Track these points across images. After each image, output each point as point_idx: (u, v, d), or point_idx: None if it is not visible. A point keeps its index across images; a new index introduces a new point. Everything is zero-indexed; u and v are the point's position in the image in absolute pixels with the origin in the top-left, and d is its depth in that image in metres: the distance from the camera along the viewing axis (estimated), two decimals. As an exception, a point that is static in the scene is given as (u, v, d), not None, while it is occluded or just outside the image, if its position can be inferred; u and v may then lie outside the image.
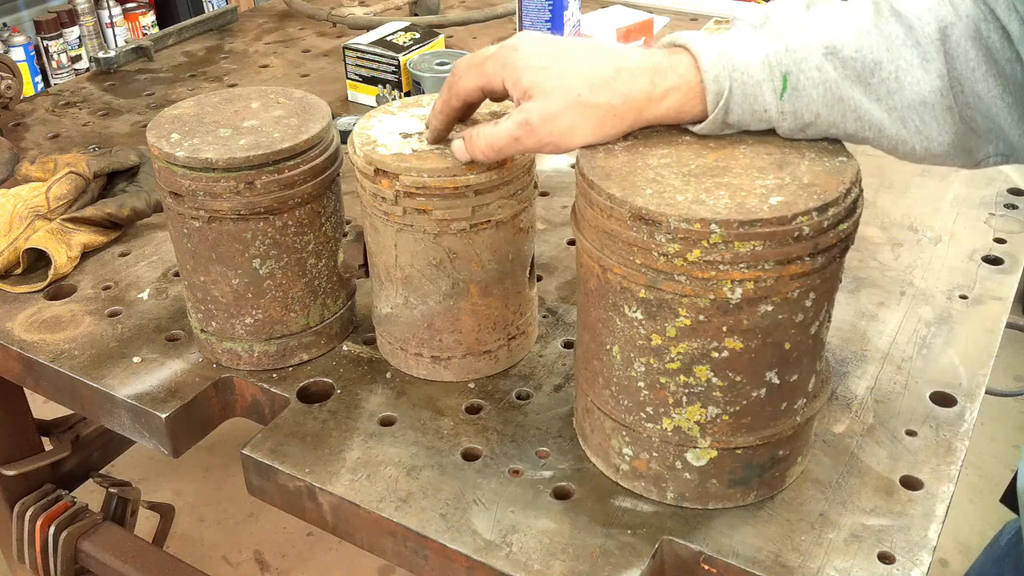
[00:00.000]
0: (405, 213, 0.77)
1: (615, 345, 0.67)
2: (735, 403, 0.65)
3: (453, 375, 0.84)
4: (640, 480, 0.71)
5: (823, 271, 0.62)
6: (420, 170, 0.75)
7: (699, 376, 0.64)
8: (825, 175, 0.63)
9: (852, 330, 0.89)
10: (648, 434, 0.68)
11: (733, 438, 0.67)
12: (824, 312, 0.65)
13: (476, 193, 0.76)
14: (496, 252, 0.80)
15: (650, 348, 0.65)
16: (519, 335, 0.86)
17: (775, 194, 0.61)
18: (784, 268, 0.60)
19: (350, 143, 0.80)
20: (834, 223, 0.61)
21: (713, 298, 0.61)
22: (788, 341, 0.64)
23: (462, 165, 0.74)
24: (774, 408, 0.67)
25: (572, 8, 1.32)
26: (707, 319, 0.62)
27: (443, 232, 0.77)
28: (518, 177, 0.78)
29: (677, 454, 0.68)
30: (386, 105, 0.85)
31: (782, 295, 0.61)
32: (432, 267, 0.79)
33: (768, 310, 0.62)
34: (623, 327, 0.65)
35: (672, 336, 0.63)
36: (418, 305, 0.81)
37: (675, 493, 0.70)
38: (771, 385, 0.65)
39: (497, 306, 0.82)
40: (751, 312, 0.61)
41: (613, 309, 0.65)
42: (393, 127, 0.81)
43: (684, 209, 0.60)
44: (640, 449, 0.70)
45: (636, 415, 0.68)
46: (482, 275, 0.80)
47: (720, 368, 0.64)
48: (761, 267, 0.60)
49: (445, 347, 0.83)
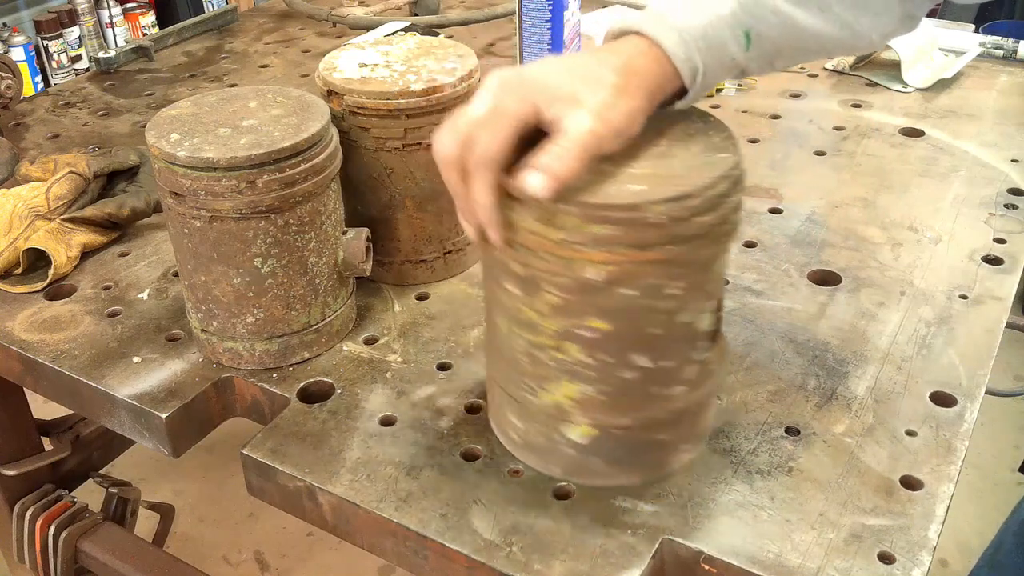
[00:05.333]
0: (351, 130, 0.89)
1: (500, 318, 0.70)
2: (605, 382, 0.68)
3: (394, 279, 0.97)
4: (530, 453, 0.74)
5: (689, 262, 0.64)
6: (360, 92, 0.87)
7: (569, 353, 0.67)
8: (698, 168, 0.65)
9: (852, 330, 0.89)
10: (532, 408, 0.71)
11: (608, 418, 0.70)
12: (700, 302, 0.67)
13: (408, 116, 0.87)
14: (429, 172, 0.90)
15: (526, 323, 0.68)
16: (455, 251, 0.97)
17: (639, 183, 0.63)
18: (640, 253, 0.62)
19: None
20: (691, 214, 0.62)
21: (575, 277, 0.63)
22: (657, 327, 0.66)
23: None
24: (648, 391, 0.69)
25: (572, 8, 1.32)
26: (573, 298, 0.64)
27: (380, 149, 0.89)
28: (450, 107, 0.87)
29: (556, 428, 0.71)
30: (360, 40, 0.99)
31: (642, 281, 0.63)
32: (372, 179, 0.91)
33: (631, 294, 0.64)
34: (505, 301, 0.69)
35: (544, 312, 0.66)
36: (364, 212, 0.94)
37: (561, 468, 0.73)
38: (642, 368, 0.67)
39: (432, 221, 0.94)
40: (613, 294, 0.64)
41: (496, 283, 0.69)
42: (356, 58, 0.93)
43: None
44: (526, 421, 0.73)
45: (520, 388, 0.71)
46: (416, 191, 0.91)
47: (588, 346, 0.66)
48: (617, 251, 0.62)
49: (386, 252, 0.95)
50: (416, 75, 0.89)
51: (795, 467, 0.74)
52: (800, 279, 0.97)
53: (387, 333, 0.91)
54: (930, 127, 1.29)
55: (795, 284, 0.96)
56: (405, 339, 0.90)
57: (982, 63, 1.49)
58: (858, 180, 1.16)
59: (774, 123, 1.32)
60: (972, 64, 1.48)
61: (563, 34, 1.30)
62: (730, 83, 1.42)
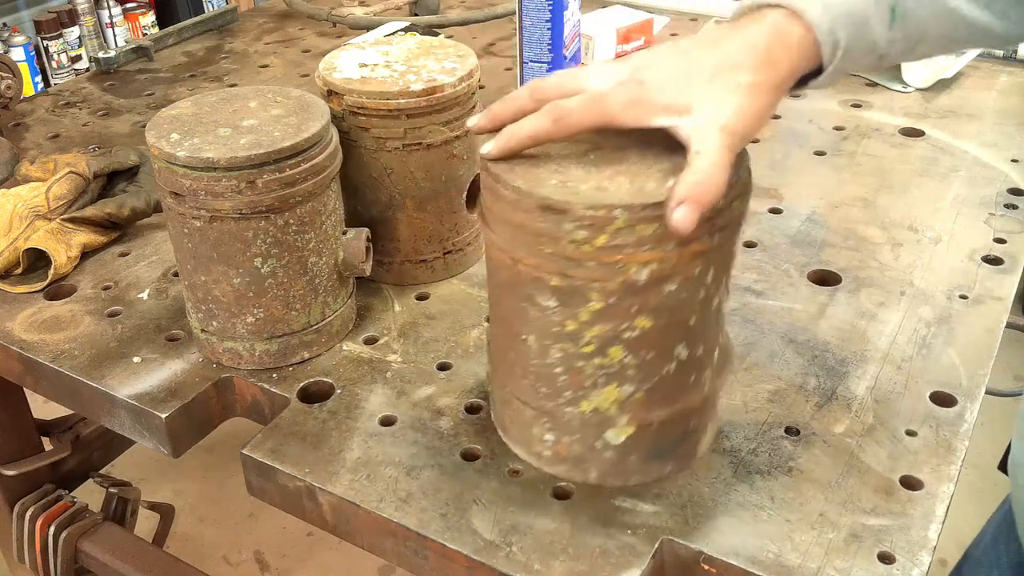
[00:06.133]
0: (351, 130, 0.88)
1: (530, 335, 0.68)
2: (648, 380, 0.68)
3: (394, 279, 0.96)
4: (562, 464, 0.73)
5: (721, 248, 0.65)
6: (360, 92, 0.87)
7: (613, 357, 0.67)
8: None
9: (852, 330, 0.89)
10: (568, 418, 0.70)
11: (649, 414, 0.70)
12: (723, 286, 0.68)
13: (408, 116, 0.87)
14: (429, 172, 0.91)
15: (565, 334, 0.66)
16: (455, 251, 0.97)
17: (672, 176, 0.63)
18: (686, 248, 0.63)
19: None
20: (729, 202, 0.64)
21: (622, 280, 0.63)
22: (693, 316, 0.67)
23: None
24: (684, 381, 0.70)
25: (572, 8, 1.32)
26: (617, 301, 0.64)
27: (380, 149, 0.89)
28: (449, 108, 0.88)
29: (597, 435, 0.70)
30: (360, 40, 0.99)
31: (685, 273, 0.64)
32: (372, 179, 0.90)
33: (673, 289, 0.64)
34: (537, 316, 0.67)
35: (586, 320, 0.65)
36: (364, 212, 0.94)
37: (597, 472, 0.72)
38: (679, 360, 0.68)
39: (432, 221, 0.93)
40: (658, 291, 0.64)
41: (526, 300, 0.67)
42: (356, 58, 0.93)
43: (588, 197, 0.62)
44: (561, 434, 0.71)
45: (555, 401, 0.70)
46: (416, 191, 0.91)
47: (632, 347, 0.66)
48: (664, 248, 0.62)
49: (386, 252, 0.95)
50: (416, 75, 0.89)
51: (795, 467, 0.74)
52: (800, 279, 0.97)
53: (387, 333, 0.91)
54: (930, 127, 1.29)
55: (795, 284, 0.96)
56: (405, 339, 0.90)
57: (982, 63, 1.49)
58: (858, 180, 1.16)
59: (774, 123, 1.32)
60: (972, 64, 1.48)
61: (563, 34, 1.30)
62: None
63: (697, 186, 0.59)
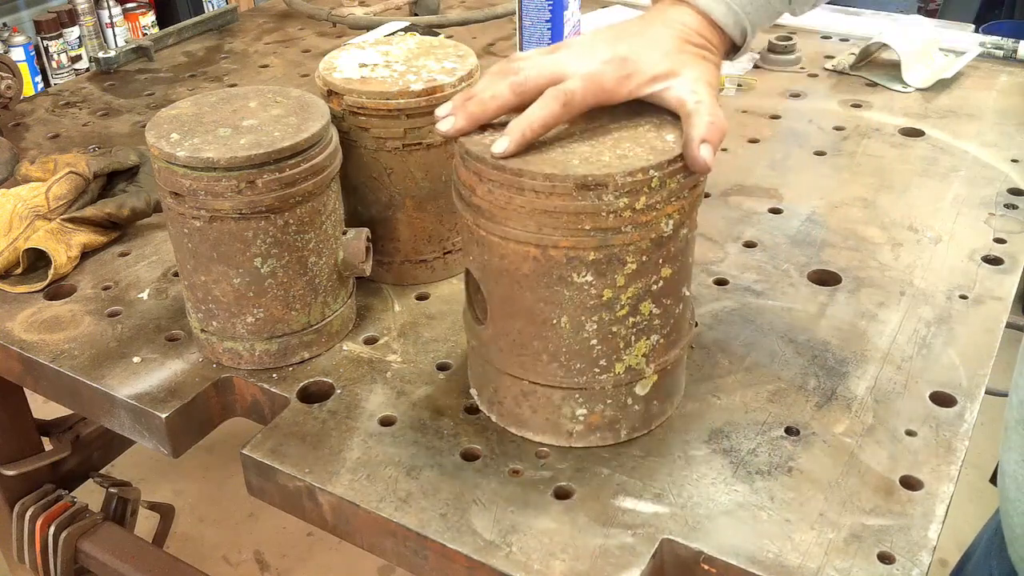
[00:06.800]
0: (351, 130, 0.89)
1: (563, 316, 0.70)
2: (667, 324, 0.73)
3: (394, 279, 0.96)
4: (594, 433, 0.76)
5: (701, 186, 0.72)
6: (360, 92, 0.87)
7: (643, 312, 0.71)
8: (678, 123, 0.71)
9: (852, 330, 0.89)
10: (602, 385, 0.73)
11: (667, 356, 0.75)
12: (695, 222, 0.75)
13: (408, 116, 0.87)
14: (429, 172, 0.91)
15: (602, 304, 0.70)
16: (455, 251, 0.97)
17: (665, 134, 0.69)
18: (693, 191, 0.69)
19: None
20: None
21: (654, 236, 0.68)
22: (691, 255, 0.74)
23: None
24: (685, 317, 0.76)
25: (572, 8, 1.32)
26: (648, 258, 0.69)
27: (380, 149, 0.89)
28: None
29: (628, 392, 0.74)
30: (360, 40, 1.00)
31: (691, 215, 0.71)
32: (372, 179, 0.91)
33: (685, 232, 0.71)
34: (571, 296, 0.69)
35: (621, 285, 0.69)
36: (364, 212, 0.94)
37: (627, 429, 0.76)
38: (684, 298, 0.74)
39: (432, 221, 0.93)
40: (676, 238, 0.70)
41: (559, 283, 0.69)
42: (356, 58, 0.93)
43: (620, 166, 0.65)
44: (595, 403, 0.74)
45: (590, 373, 0.73)
46: (416, 191, 0.91)
47: (657, 298, 0.71)
48: (682, 196, 0.68)
49: (386, 252, 0.95)
50: (416, 75, 0.89)
51: (795, 467, 0.74)
52: (800, 279, 0.97)
53: (387, 333, 0.91)
54: (930, 127, 1.29)
55: (795, 284, 0.96)
56: (405, 339, 0.90)
57: (982, 63, 1.49)
58: (858, 180, 1.16)
59: (774, 123, 1.32)
60: (972, 64, 1.48)
61: (563, 34, 1.30)
62: (729, 84, 1.42)
63: (711, 125, 0.67)
